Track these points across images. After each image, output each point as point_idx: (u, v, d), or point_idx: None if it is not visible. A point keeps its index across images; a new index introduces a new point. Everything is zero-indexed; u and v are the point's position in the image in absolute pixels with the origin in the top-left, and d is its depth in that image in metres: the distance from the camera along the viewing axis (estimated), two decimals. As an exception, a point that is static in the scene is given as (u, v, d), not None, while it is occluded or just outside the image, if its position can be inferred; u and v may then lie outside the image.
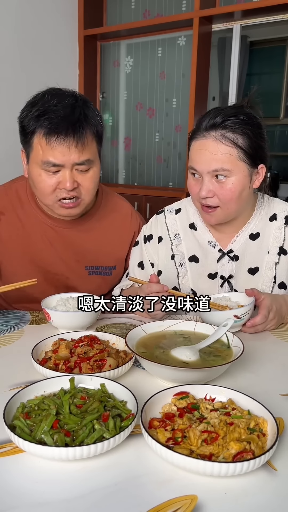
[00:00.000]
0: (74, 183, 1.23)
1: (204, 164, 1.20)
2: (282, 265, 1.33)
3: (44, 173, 1.22)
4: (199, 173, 1.23)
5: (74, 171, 1.23)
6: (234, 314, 1.13)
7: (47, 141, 1.18)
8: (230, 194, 1.22)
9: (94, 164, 1.27)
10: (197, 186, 1.25)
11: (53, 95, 1.22)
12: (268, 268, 1.33)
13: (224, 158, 1.18)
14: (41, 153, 1.20)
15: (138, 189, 4.19)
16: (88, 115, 1.23)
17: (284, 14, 3.41)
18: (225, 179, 1.20)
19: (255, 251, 1.35)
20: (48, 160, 1.19)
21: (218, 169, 1.19)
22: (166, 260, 1.41)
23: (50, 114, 1.18)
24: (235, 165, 1.20)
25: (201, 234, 1.39)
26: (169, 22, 3.77)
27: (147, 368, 0.94)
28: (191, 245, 1.39)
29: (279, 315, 1.20)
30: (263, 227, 1.35)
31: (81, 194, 1.27)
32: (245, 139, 1.20)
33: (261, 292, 1.18)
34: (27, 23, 3.66)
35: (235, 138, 1.19)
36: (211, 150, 1.19)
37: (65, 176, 1.22)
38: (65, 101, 1.20)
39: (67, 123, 1.18)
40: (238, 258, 1.35)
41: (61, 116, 1.18)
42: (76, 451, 0.66)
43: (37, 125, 1.19)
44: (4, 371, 0.97)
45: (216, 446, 0.68)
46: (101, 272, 1.46)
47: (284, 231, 1.34)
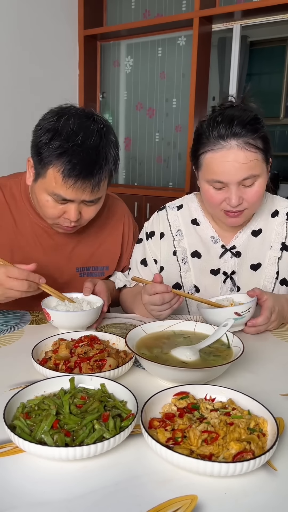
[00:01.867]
0: (78, 215, 1.24)
1: (233, 175, 1.18)
2: (284, 260, 1.34)
3: (51, 200, 1.22)
4: (225, 183, 1.20)
5: (81, 204, 1.23)
6: (234, 311, 1.12)
7: (64, 181, 1.16)
8: (258, 196, 1.23)
9: (102, 197, 1.28)
10: (220, 195, 1.23)
11: (78, 126, 1.16)
12: (271, 263, 1.34)
13: (252, 165, 1.18)
14: (54, 185, 1.18)
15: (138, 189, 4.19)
16: (109, 156, 1.20)
17: (284, 14, 3.41)
18: (252, 184, 1.21)
19: (258, 247, 1.35)
20: (59, 194, 1.19)
21: (249, 177, 1.18)
22: (168, 255, 1.41)
23: (73, 156, 1.13)
24: (261, 168, 1.20)
25: (204, 229, 1.39)
26: (169, 22, 3.77)
27: (147, 368, 0.94)
28: (193, 241, 1.39)
29: (280, 316, 1.20)
30: (265, 223, 1.36)
31: (81, 223, 1.30)
32: (263, 140, 1.20)
33: (264, 292, 1.18)
34: (27, 23, 3.66)
35: (256, 143, 1.18)
36: (238, 160, 1.17)
37: (71, 208, 1.22)
38: (90, 141, 1.15)
39: (89, 169, 1.15)
40: (241, 254, 1.35)
41: (83, 161, 1.14)
42: (76, 451, 0.66)
43: (57, 162, 1.15)
44: (4, 371, 0.97)
45: (216, 446, 0.68)
46: (92, 273, 1.46)
47: (286, 227, 1.36)
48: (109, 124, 1.25)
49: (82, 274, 1.45)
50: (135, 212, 3.91)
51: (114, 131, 1.26)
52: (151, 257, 1.43)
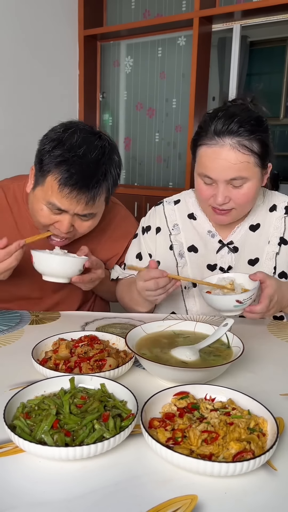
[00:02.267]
0: (71, 227, 1.24)
1: (221, 173, 1.18)
2: (282, 255, 1.34)
3: (46, 209, 1.22)
4: (213, 180, 1.21)
5: (75, 216, 1.23)
6: (236, 299, 1.12)
7: (59, 190, 1.17)
8: (246, 198, 1.22)
9: (97, 214, 1.28)
10: (209, 191, 1.24)
11: (83, 140, 1.18)
12: (269, 258, 1.34)
13: (242, 167, 1.17)
14: (50, 194, 1.19)
15: (138, 189, 4.19)
16: (108, 174, 1.22)
17: (284, 14, 3.41)
18: (241, 185, 1.20)
19: (255, 242, 1.35)
20: (54, 203, 1.19)
21: (236, 177, 1.18)
22: (164, 250, 1.41)
23: (72, 166, 1.15)
24: (252, 171, 1.19)
25: (201, 223, 1.39)
26: (169, 22, 3.76)
27: (147, 368, 0.94)
28: (190, 235, 1.39)
29: (279, 305, 1.19)
30: (263, 217, 1.36)
31: (72, 236, 1.29)
32: (260, 144, 1.19)
33: (267, 276, 1.15)
34: (27, 23, 3.66)
35: (251, 146, 1.17)
36: (229, 159, 1.17)
37: (64, 219, 1.22)
38: (92, 154, 1.17)
39: (86, 181, 1.16)
40: (238, 249, 1.35)
41: (82, 172, 1.15)
42: (76, 451, 0.66)
43: (56, 170, 1.16)
44: (4, 371, 0.97)
45: (216, 446, 0.68)
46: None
47: (284, 221, 1.35)
48: (114, 144, 1.26)
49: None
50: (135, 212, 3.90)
51: (119, 152, 1.27)
52: (146, 252, 1.43)
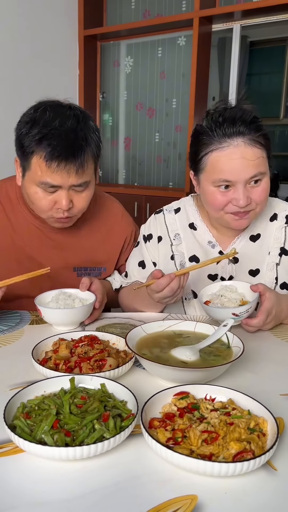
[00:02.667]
0: (70, 203, 1.24)
1: (242, 173, 1.16)
2: (283, 265, 1.33)
3: (41, 191, 1.23)
4: (233, 183, 1.18)
5: (71, 191, 1.24)
6: (233, 312, 1.13)
7: (47, 166, 1.17)
8: (265, 194, 1.22)
9: (91, 183, 1.28)
10: (225, 197, 1.21)
11: (55, 114, 1.19)
12: (269, 269, 1.33)
13: (259, 162, 1.17)
14: (40, 174, 1.19)
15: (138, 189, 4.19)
16: (89, 138, 1.22)
17: (284, 14, 3.41)
18: (259, 182, 1.20)
19: (256, 252, 1.34)
20: (46, 181, 1.20)
21: (256, 174, 1.17)
22: (166, 260, 1.41)
23: (52, 139, 1.16)
24: (266, 166, 1.20)
25: (201, 234, 1.38)
26: (169, 22, 3.76)
27: (147, 368, 0.94)
28: (191, 245, 1.38)
29: (276, 319, 1.19)
30: (264, 227, 1.35)
31: (74, 213, 1.29)
32: (265, 138, 1.20)
33: (267, 290, 1.16)
34: (27, 23, 3.66)
35: (260, 140, 1.18)
36: (248, 157, 1.16)
37: (61, 196, 1.22)
38: (68, 124, 1.18)
39: (69, 149, 1.17)
40: (238, 260, 1.34)
41: (63, 142, 1.16)
42: (76, 451, 0.66)
43: (38, 148, 1.17)
44: (4, 371, 0.97)
45: (216, 446, 0.68)
46: (90, 273, 1.46)
47: (285, 231, 1.34)
48: (86, 112, 1.27)
49: (80, 274, 1.45)
50: (135, 212, 3.90)
51: (92, 118, 1.28)
52: (150, 260, 1.42)
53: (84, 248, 1.45)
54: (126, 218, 1.55)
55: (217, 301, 1.21)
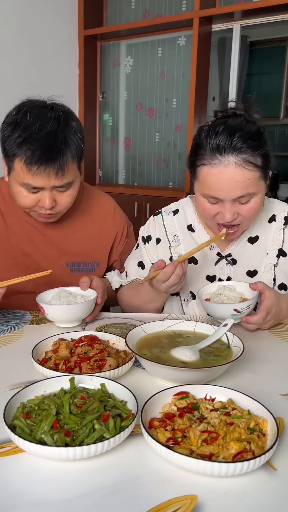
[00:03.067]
0: (53, 202, 1.26)
1: (229, 192, 1.15)
2: (281, 267, 1.33)
3: (24, 190, 1.25)
4: (219, 200, 1.18)
5: (54, 191, 1.25)
6: (234, 308, 1.13)
7: (28, 169, 1.19)
8: (253, 212, 1.21)
9: (74, 183, 1.29)
10: (214, 208, 1.21)
11: (35, 117, 1.20)
12: (267, 270, 1.33)
13: (249, 183, 1.15)
14: (22, 176, 1.21)
15: (138, 189, 4.19)
16: (69, 140, 1.23)
17: (284, 14, 3.41)
18: (249, 201, 1.19)
19: (254, 254, 1.34)
20: (28, 183, 1.22)
21: (244, 195, 1.16)
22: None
23: (31, 144, 1.18)
24: (257, 186, 1.17)
25: (199, 235, 1.38)
26: (169, 22, 3.76)
27: (147, 368, 0.94)
28: (189, 247, 1.38)
29: (276, 317, 1.19)
30: (262, 229, 1.35)
31: (58, 211, 1.31)
32: (263, 157, 1.16)
33: (267, 288, 1.16)
34: (27, 23, 3.66)
35: (256, 161, 1.14)
36: (235, 178, 1.13)
37: (44, 196, 1.25)
38: (47, 127, 1.19)
39: (48, 153, 1.18)
40: (236, 262, 1.34)
41: (42, 146, 1.18)
42: (76, 451, 0.66)
43: (19, 152, 1.19)
44: (4, 371, 0.97)
45: (216, 446, 0.68)
46: (83, 268, 1.47)
47: (283, 233, 1.34)
48: (68, 111, 1.28)
49: (73, 270, 1.47)
50: (135, 212, 3.91)
51: (76, 117, 1.29)
52: (149, 261, 1.42)
53: (77, 244, 1.47)
54: (119, 214, 1.56)
55: (217, 299, 1.21)
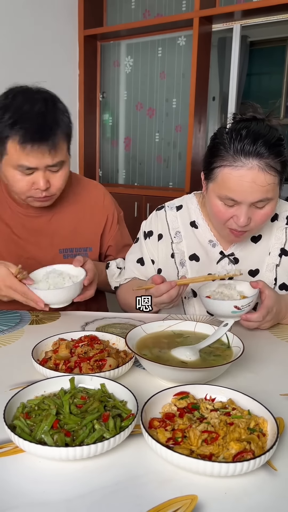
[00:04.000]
0: (47, 183, 1.30)
1: (249, 196, 1.14)
2: (283, 266, 1.33)
3: (18, 174, 1.28)
4: (237, 202, 1.17)
5: (47, 171, 1.29)
6: (234, 305, 1.12)
7: (22, 149, 1.23)
8: (265, 217, 1.21)
9: (65, 163, 1.33)
10: (228, 212, 1.20)
11: (24, 99, 1.25)
12: (269, 270, 1.33)
13: (269, 188, 1.14)
14: (16, 157, 1.25)
15: (138, 189, 4.19)
16: (58, 119, 1.28)
17: (284, 14, 3.41)
18: (264, 206, 1.18)
19: (256, 253, 1.34)
20: (23, 164, 1.25)
21: (263, 199, 1.15)
22: (166, 258, 1.40)
23: (23, 123, 1.22)
24: (275, 191, 1.17)
25: (202, 232, 1.38)
26: (169, 22, 3.77)
27: (147, 368, 0.94)
28: (192, 243, 1.38)
29: (276, 317, 1.19)
30: (265, 228, 1.34)
31: (52, 193, 1.35)
32: (283, 164, 1.16)
33: (267, 287, 1.16)
34: (27, 23, 3.66)
35: (277, 166, 1.14)
36: (258, 182, 1.12)
37: (38, 177, 1.28)
38: (36, 108, 1.24)
39: (41, 131, 1.23)
40: (238, 261, 1.34)
41: (34, 125, 1.22)
42: (76, 451, 0.66)
43: (11, 133, 1.23)
44: (4, 371, 0.97)
45: (216, 446, 0.68)
46: (75, 254, 1.48)
47: (285, 232, 1.34)
48: (55, 95, 1.33)
49: (66, 256, 1.49)
50: (135, 212, 3.91)
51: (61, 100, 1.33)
52: (149, 257, 1.42)
53: (68, 230, 1.49)
54: (108, 198, 1.60)
55: (217, 296, 1.20)
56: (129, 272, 1.45)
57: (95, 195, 1.57)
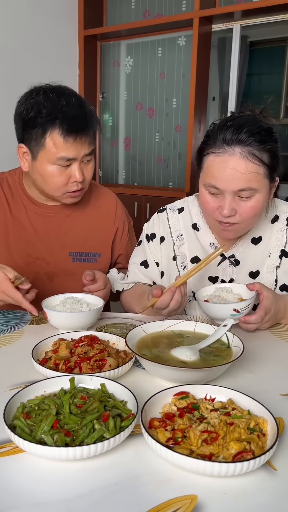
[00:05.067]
0: (82, 175, 1.34)
1: (230, 183, 1.14)
2: (283, 268, 1.32)
3: (56, 169, 1.31)
4: (220, 191, 1.17)
5: (81, 163, 1.33)
6: (233, 308, 1.13)
7: (65, 141, 1.26)
8: (253, 212, 1.18)
9: (93, 154, 1.38)
10: (215, 203, 1.20)
11: (57, 94, 1.29)
12: (269, 271, 1.33)
13: (252, 177, 1.13)
14: (55, 151, 1.28)
15: (138, 189, 4.19)
16: (92, 112, 1.34)
17: (284, 14, 3.41)
18: (249, 197, 1.16)
19: (257, 255, 1.34)
20: (63, 156, 1.28)
21: (245, 188, 1.14)
22: (168, 261, 1.41)
23: (64, 117, 1.26)
24: (261, 183, 1.16)
25: (203, 235, 1.38)
26: (169, 22, 3.77)
27: (147, 368, 0.94)
28: (193, 246, 1.38)
29: (274, 317, 1.19)
30: (265, 230, 1.34)
31: (85, 184, 1.39)
32: (270, 155, 1.16)
33: (264, 288, 1.16)
34: (27, 23, 3.66)
35: (261, 156, 1.14)
36: (239, 169, 1.12)
37: (75, 169, 1.32)
38: (72, 101, 1.29)
39: (82, 124, 1.28)
40: (239, 262, 1.34)
41: (76, 118, 1.27)
42: (76, 451, 0.66)
43: (52, 126, 1.26)
44: (4, 371, 0.97)
45: (216, 446, 0.68)
46: (85, 259, 1.50)
47: (286, 233, 1.33)
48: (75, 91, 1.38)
49: (75, 260, 1.50)
50: (135, 212, 3.91)
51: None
52: (153, 259, 1.42)
53: (79, 233, 1.50)
54: (120, 207, 1.61)
55: (215, 300, 1.21)
56: (133, 275, 1.45)
57: (108, 202, 1.58)
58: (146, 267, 1.43)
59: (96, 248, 1.53)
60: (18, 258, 1.44)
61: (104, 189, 1.62)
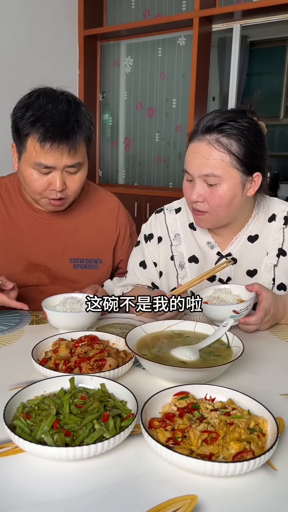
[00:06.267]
0: (63, 185, 1.29)
1: (196, 168, 1.20)
2: (280, 267, 1.33)
3: (35, 173, 1.27)
4: (191, 176, 1.23)
5: (64, 173, 1.28)
6: (233, 309, 1.13)
7: (41, 147, 1.22)
8: (219, 201, 1.20)
9: (83, 166, 1.33)
10: (190, 189, 1.24)
11: (48, 98, 1.25)
12: (267, 270, 1.33)
13: (215, 164, 1.17)
14: (34, 155, 1.24)
15: (138, 189, 4.19)
16: (80, 121, 1.27)
17: (284, 14, 3.41)
18: (215, 185, 1.19)
19: (254, 253, 1.34)
20: (41, 162, 1.25)
21: (209, 174, 1.18)
22: (166, 260, 1.41)
23: (45, 121, 1.22)
24: (227, 171, 1.18)
25: (200, 234, 1.38)
26: (169, 22, 3.76)
27: (147, 368, 0.94)
28: (190, 245, 1.38)
29: (274, 318, 1.20)
30: (261, 228, 1.35)
31: (67, 195, 1.33)
32: (240, 146, 1.17)
33: (263, 289, 1.16)
34: (27, 23, 3.66)
35: (229, 144, 1.17)
36: (203, 154, 1.18)
37: (55, 177, 1.27)
38: (60, 107, 1.24)
39: (61, 131, 1.22)
40: (237, 261, 1.34)
41: (55, 123, 1.22)
42: (76, 451, 0.66)
43: (32, 130, 1.23)
44: (4, 371, 0.97)
45: (216, 446, 0.68)
46: (86, 265, 1.48)
47: (283, 232, 1.33)
48: (78, 99, 1.34)
49: (76, 266, 1.48)
50: (135, 212, 3.90)
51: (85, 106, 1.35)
52: (151, 260, 1.42)
53: (80, 240, 1.48)
54: (122, 212, 1.58)
55: (214, 301, 1.21)
56: (132, 277, 1.45)
57: (110, 207, 1.55)
58: (144, 267, 1.43)
59: (98, 255, 1.50)
60: (18, 265, 1.41)
61: (107, 193, 1.59)
